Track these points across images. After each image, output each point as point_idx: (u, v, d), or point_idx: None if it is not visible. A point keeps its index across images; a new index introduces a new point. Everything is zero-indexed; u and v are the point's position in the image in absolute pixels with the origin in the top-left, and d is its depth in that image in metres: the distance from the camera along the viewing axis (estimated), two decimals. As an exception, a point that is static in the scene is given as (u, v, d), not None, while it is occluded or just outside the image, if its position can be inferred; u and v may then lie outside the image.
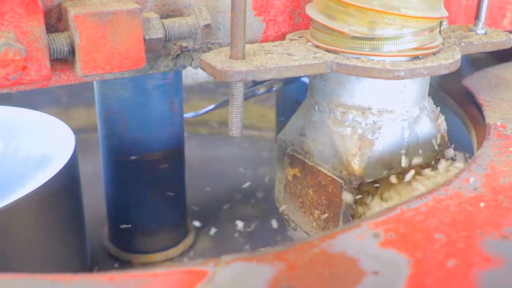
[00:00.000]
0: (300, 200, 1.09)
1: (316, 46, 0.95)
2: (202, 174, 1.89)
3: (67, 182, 1.16)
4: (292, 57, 0.89)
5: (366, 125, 0.96)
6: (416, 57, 0.91)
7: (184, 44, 0.98)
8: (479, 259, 0.61)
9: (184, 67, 1.01)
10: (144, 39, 0.85)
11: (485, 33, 1.10)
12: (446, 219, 0.69)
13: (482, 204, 0.72)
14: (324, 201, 1.02)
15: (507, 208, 0.71)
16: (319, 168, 1.01)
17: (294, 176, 1.08)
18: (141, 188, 1.35)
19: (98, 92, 1.29)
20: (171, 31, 0.89)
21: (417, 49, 0.91)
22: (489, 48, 1.08)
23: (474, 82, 1.21)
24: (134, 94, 1.25)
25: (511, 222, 0.68)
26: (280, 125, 1.86)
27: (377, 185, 1.00)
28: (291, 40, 1.00)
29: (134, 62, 0.85)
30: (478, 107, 1.11)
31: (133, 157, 1.29)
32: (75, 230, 1.24)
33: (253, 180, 1.82)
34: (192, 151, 1.88)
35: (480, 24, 1.10)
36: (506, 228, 0.67)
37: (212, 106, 1.54)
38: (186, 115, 1.42)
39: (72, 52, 0.82)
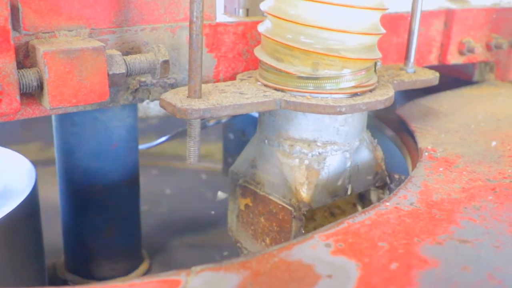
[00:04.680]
0: (252, 228, 1.15)
1: (265, 85, 1.03)
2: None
3: (26, 217, 1.16)
4: (244, 96, 0.97)
5: (312, 156, 1.04)
6: (355, 94, 1.01)
7: (143, 79, 1.04)
8: (418, 261, 0.70)
9: (142, 100, 1.07)
10: (108, 74, 0.91)
11: (414, 72, 1.22)
12: (387, 230, 0.78)
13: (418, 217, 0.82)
14: (275, 228, 1.09)
15: (439, 219, 0.81)
16: (270, 197, 1.08)
17: (246, 205, 1.15)
18: (97, 216, 1.38)
19: (57, 126, 1.32)
20: (132, 67, 0.96)
21: (355, 87, 1.00)
22: (419, 85, 1.19)
23: (407, 112, 1.33)
24: (90, 126, 1.28)
25: (444, 231, 0.78)
26: (227, 155, 1.93)
27: None
28: (241, 80, 1.08)
29: (98, 95, 0.91)
30: (411, 134, 1.22)
31: (90, 187, 1.32)
32: (33, 264, 1.24)
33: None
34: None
35: (410, 64, 1.22)
36: (440, 235, 0.77)
37: (164, 138, 1.60)
38: (139, 147, 1.46)
39: (40, 86, 0.87)
